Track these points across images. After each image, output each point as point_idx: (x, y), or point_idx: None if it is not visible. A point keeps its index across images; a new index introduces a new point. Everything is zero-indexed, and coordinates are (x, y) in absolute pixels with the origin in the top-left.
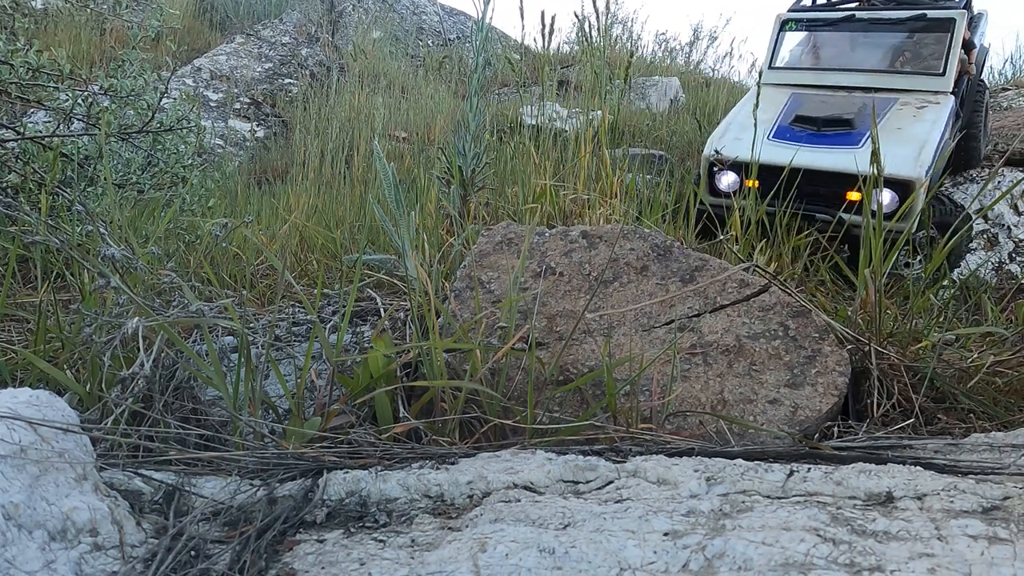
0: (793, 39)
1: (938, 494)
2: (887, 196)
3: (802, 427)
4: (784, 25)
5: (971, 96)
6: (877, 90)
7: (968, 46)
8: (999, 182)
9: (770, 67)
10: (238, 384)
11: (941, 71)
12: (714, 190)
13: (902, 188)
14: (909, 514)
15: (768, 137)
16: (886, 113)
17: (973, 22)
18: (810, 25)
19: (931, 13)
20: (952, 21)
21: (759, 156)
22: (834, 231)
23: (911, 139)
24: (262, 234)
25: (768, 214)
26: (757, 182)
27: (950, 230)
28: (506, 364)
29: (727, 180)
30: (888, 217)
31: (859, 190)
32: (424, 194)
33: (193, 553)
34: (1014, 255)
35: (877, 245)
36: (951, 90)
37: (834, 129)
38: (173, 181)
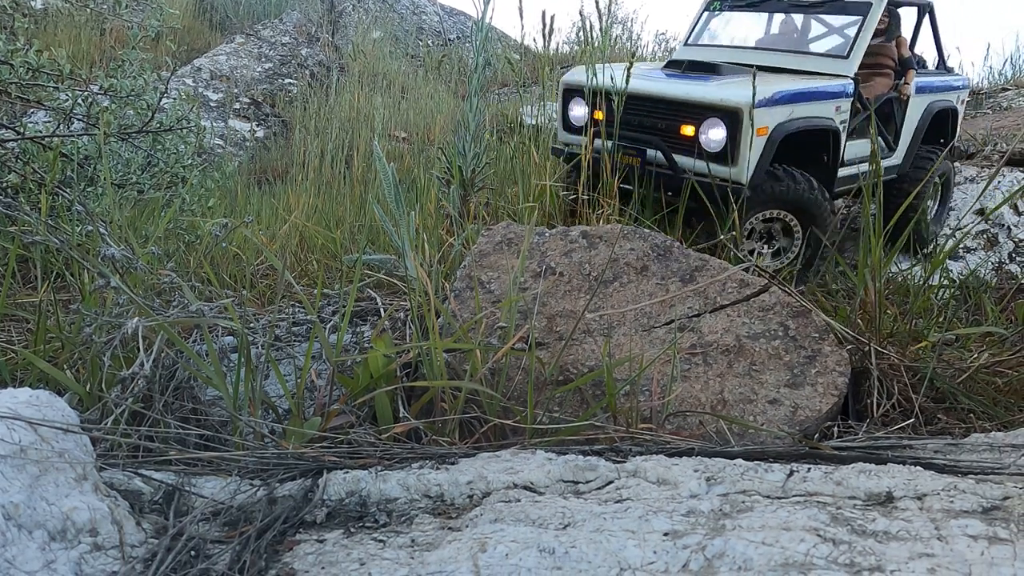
0: (722, 20)
1: (938, 494)
2: (716, 131)
3: (802, 427)
4: (709, 5)
5: (924, 157)
6: (781, 70)
7: (905, 64)
8: (999, 182)
9: (685, 44)
10: (238, 384)
11: (846, 54)
12: (568, 125)
13: (730, 119)
14: (909, 514)
15: (633, 73)
16: (765, 75)
17: (925, 62)
18: (733, 5)
19: None
20: (868, 5)
21: (610, 82)
22: (666, 172)
23: (763, 84)
24: (262, 234)
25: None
26: (603, 113)
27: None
28: (506, 364)
29: (576, 111)
30: (717, 159)
31: (692, 122)
32: (424, 194)
33: (193, 553)
34: (1014, 255)
35: (877, 245)
36: (852, 75)
37: (700, 72)
38: (173, 181)
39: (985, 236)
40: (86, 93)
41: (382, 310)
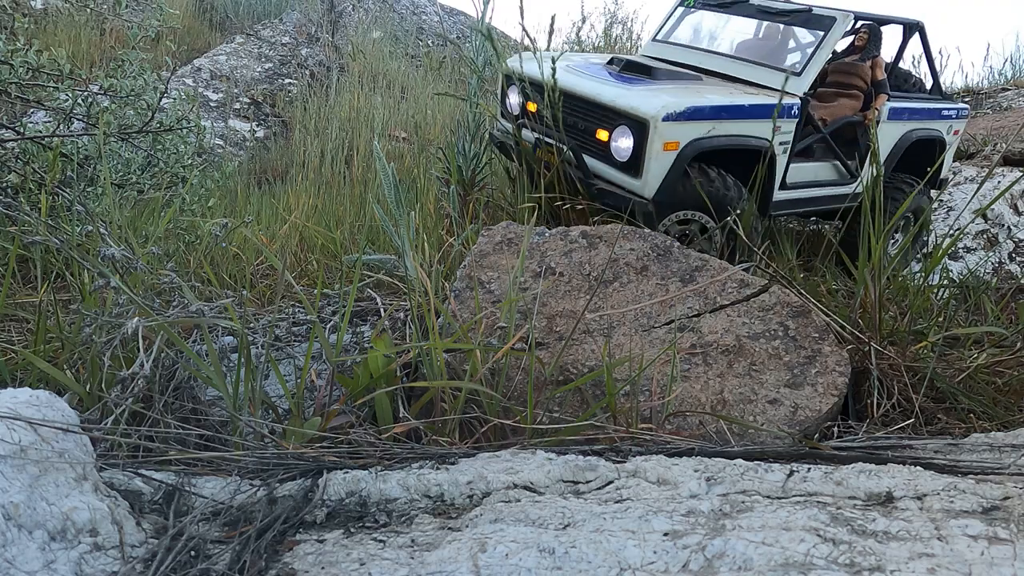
0: (712, 18)
1: (938, 494)
2: (624, 140)
3: (802, 427)
4: (683, 2)
5: (897, 188)
6: (735, 79)
7: (878, 87)
8: (999, 182)
9: (652, 40)
10: (238, 384)
11: (799, 71)
12: (505, 113)
13: (638, 130)
14: (909, 514)
15: (568, 66)
16: (705, 84)
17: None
18: (706, 4)
19: (817, 9)
20: (832, 20)
21: (543, 74)
22: (579, 174)
23: (688, 94)
24: (262, 234)
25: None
26: (537, 105)
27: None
28: (506, 364)
29: (512, 99)
30: (625, 168)
31: (606, 127)
32: (424, 194)
33: (193, 553)
34: (1014, 255)
35: (877, 246)
36: (802, 94)
37: (632, 73)
38: (173, 181)
39: (985, 236)
40: (86, 93)
41: (382, 310)
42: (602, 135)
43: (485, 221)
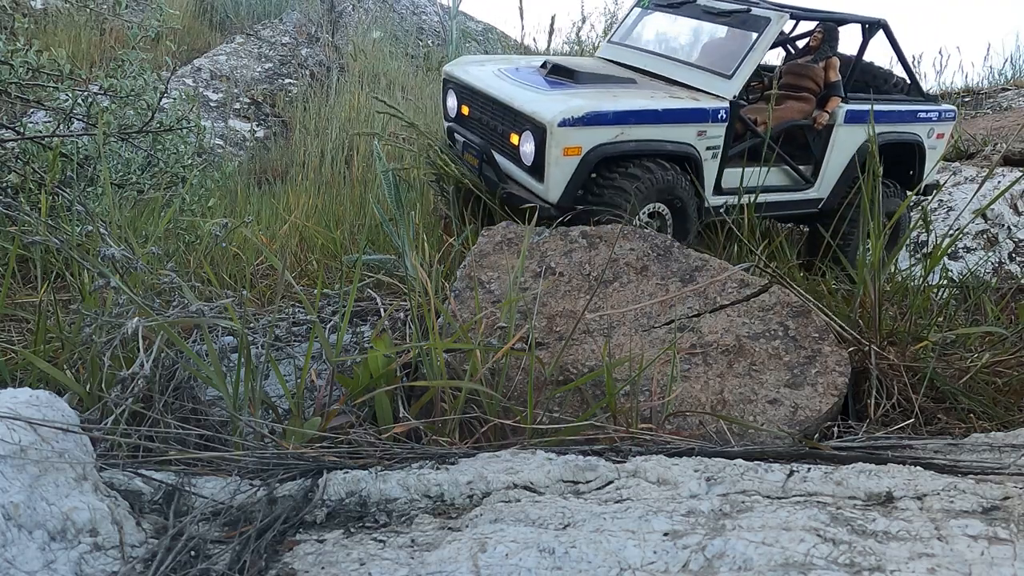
0: (654, 19)
1: (938, 494)
2: (528, 144)
3: (802, 427)
4: (639, 2)
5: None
6: (672, 82)
7: (832, 88)
8: (999, 182)
9: (608, 41)
10: (238, 384)
11: (730, 73)
12: (447, 115)
13: (539, 135)
14: (909, 514)
15: (500, 70)
16: (633, 87)
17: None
18: (658, 5)
19: (756, 9)
20: (767, 20)
21: (470, 77)
22: (491, 178)
23: (596, 99)
24: (262, 234)
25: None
26: (468, 108)
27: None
28: (506, 364)
29: (450, 102)
30: (532, 172)
31: (517, 131)
32: (424, 194)
33: (193, 553)
34: (1014, 255)
35: (877, 246)
36: (732, 98)
37: (556, 77)
38: (173, 181)
39: (985, 236)
40: (86, 93)
41: (382, 310)
42: (514, 139)
43: (484, 222)
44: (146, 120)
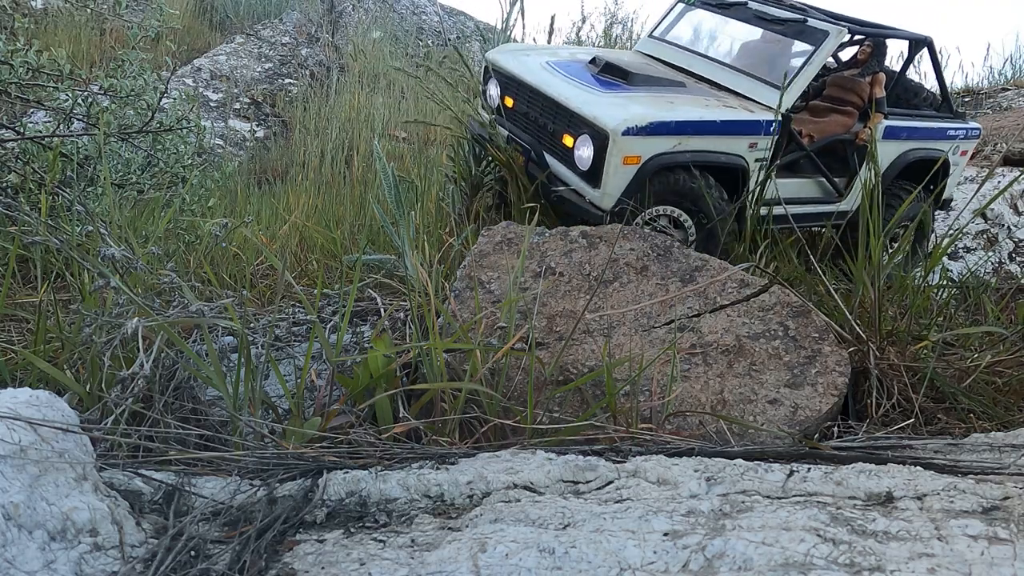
0: (695, 16)
1: (938, 494)
2: (586, 149)
3: (802, 427)
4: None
5: (891, 205)
6: (718, 86)
7: (878, 104)
8: (999, 182)
9: (649, 36)
10: (238, 384)
11: (783, 84)
12: (486, 104)
13: (599, 140)
14: (909, 514)
15: (548, 63)
16: (685, 92)
17: (906, 87)
18: (705, 3)
19: (812, 21)
20: (825, 34)
21: (518, 67)
22: (543, 179)
23: (656, 106)
24: (262, 234)
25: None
26: (513, 101)
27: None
28: (506, 364)
29: (491, 91)
30: (587, 177)
31: (572, 133)
32: (424, 194)
33: (193, 553)
34: (1014, 255)
35: (877, 245)
36: (784, 110)
37: (609, 76)
38: (173, 181)
39: (985, 236)
40: (86, 93)
41: (382, 310)
42: (568, 140)
43: (486, 221)
44: (146, 120)
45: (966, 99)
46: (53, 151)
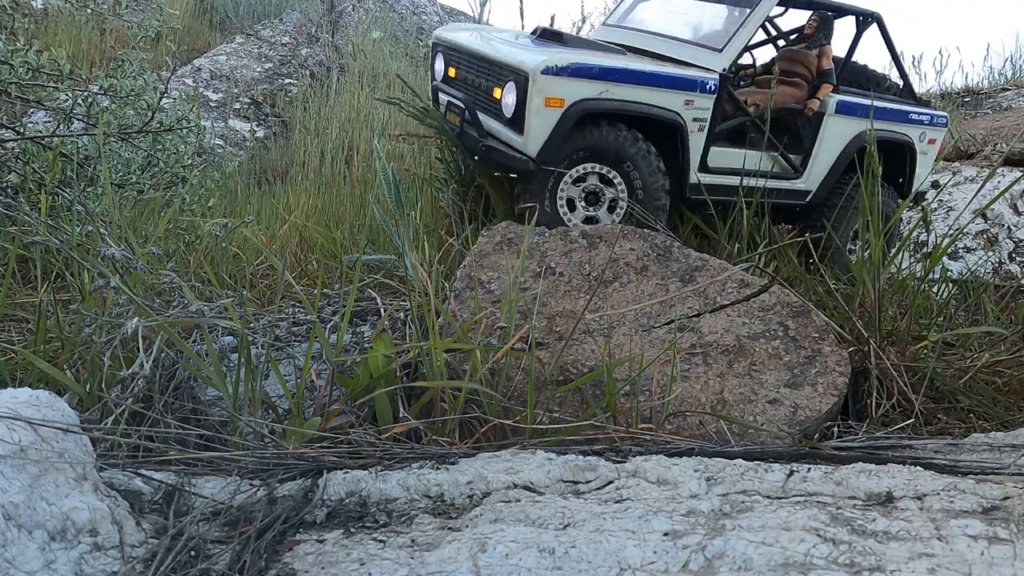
0: (650, 2)
1: (938, 494)
2: (510, 95)
3: (802, 427)
4: None
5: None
6: (662, 57)
7: (824, 76)
8: (998, 182)
9: (603, 24)
10: (238, 384)
11: (720, 47)
12: (433, 79)
13: (521, 83)
14: (909, 514)
15: (492, 35)
16: (620, 55)
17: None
18: None
19: None
20: None
21: (459, 38)
22: (472, 133)
23: (576, 55)
24: (262, 234)
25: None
26: (455, 69)
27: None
28: (506, 364)
29: (438, 65)
30: (510, 123)
31: (499, 84)
32: (424, 194)
33: (193, 553)
34: (1014, 255)
35: (877, 245)
36: (721, 70)
37: (545, 40)
38: (173, 181)
39: (985, 236)
40: (86, 93)
41: (382, 310)
42: (496, 93)
43: (484, 222)
44: (146, 120)
45: (966, 99)
46: (53, 151)
